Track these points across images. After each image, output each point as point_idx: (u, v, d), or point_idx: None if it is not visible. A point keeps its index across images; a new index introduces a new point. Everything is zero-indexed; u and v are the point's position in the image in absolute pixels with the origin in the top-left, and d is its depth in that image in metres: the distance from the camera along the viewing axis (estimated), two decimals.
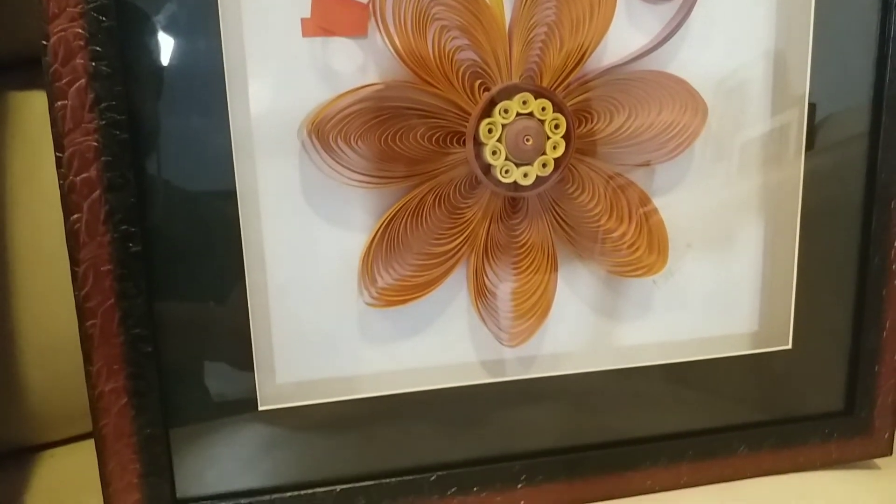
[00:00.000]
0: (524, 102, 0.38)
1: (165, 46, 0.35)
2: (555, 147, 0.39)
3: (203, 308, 0.37)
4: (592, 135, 0.40)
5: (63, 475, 0.49)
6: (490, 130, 0.38)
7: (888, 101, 0.42)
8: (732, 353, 0.44)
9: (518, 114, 0.38)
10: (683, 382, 0.44)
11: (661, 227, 0.42)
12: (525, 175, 0.39)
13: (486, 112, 0.38)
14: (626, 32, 0.39)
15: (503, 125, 0.38)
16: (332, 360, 0.40)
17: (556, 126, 0.39)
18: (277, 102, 0.37)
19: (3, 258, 0.47)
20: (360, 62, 0.37)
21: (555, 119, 0.39)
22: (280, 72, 0.36)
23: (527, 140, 0.38)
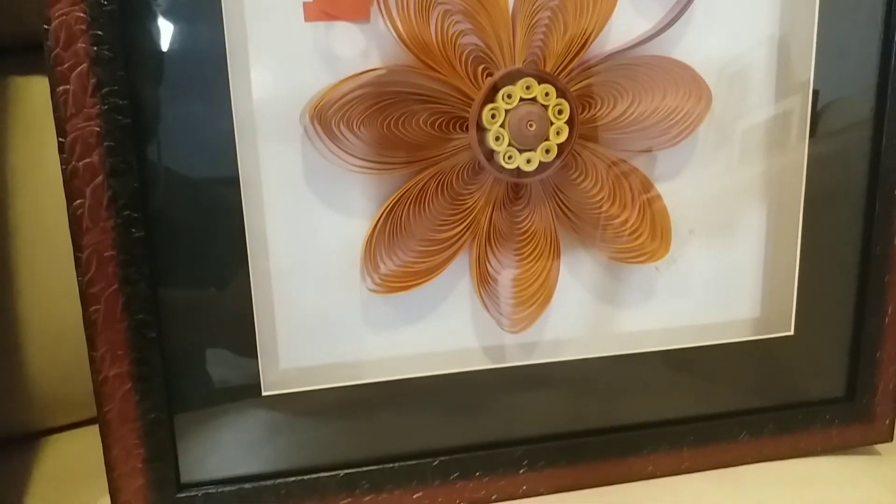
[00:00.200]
0: (527, 87, 0.38)
1: (167, 31, 0.34)
2: (558, 133, 0.39)
3: (206, 293, 0.37)
4: (596, 120, 0.40)
5: (67, 460, 0.49)
6: (493, 116, 0.38)
7: (893, 87, 0.42)
8: (734, 340, 0.44)
9: (521, 99, 0.38)
10: (685, 368, 0.44)
11: (664, 214, 0.42)
12: (528, 161, 0.39)
13: (490, 97, 0.38)
14: (630, 17, 0.39)
15: (506, 110, 0.38)
16: (336, 346, 0.40)
17: (560, 111, 0.39)
18: (279, 87, 0.36)
19: (6, 244, 0.47)
20: (363, 47, 0.37)
21: (558, 104, 0.38)
22: (282, 57, 0.36)
23: (530, 126, 0.38)
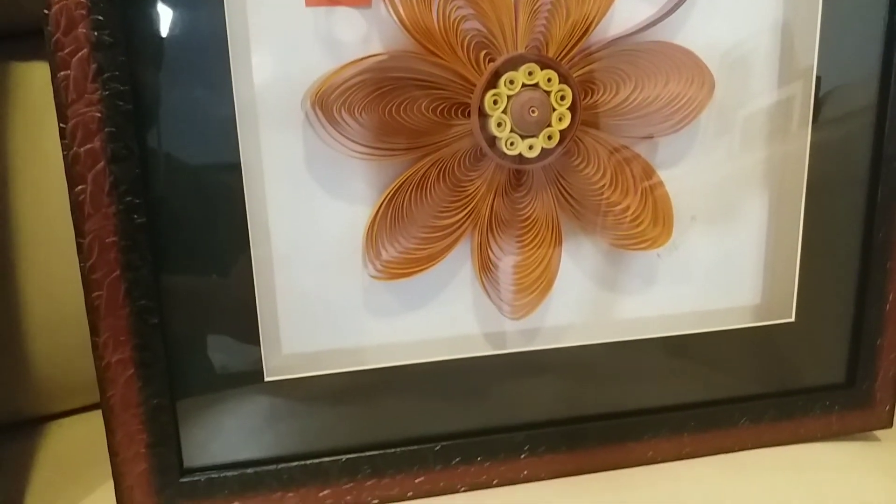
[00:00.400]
0: (530, 73, 0.38)
1: (168, 16, 0.34)
2: (560, 119, 0.39)
3: (208, 279, 0.37)
4: (598, 106, 0.40)
5: (71, 445, 0.49)
6: (495, 102, 0.38)
7: None
8: (735, 326, 0.44)
9: (523, 85, 0.38)
10: (686, 355, 0.44)
11: (666, 200, 0.42)
12: (530, 147, 0.39)
13: (492, 83, 0.38)
14: (633, 2, 0.39)
15: (508, 96, 0.38)
16: (338, 332, 0.40)
17: (562, 97, 0.38)
18: (281, 73, 0.36)
19: (9, 230, 0.47)
20: (364, 32, 0.37)
21: (560, 90, 0.38)
22: (283, 42, 0.36)
23: (532, 111, 0.38)
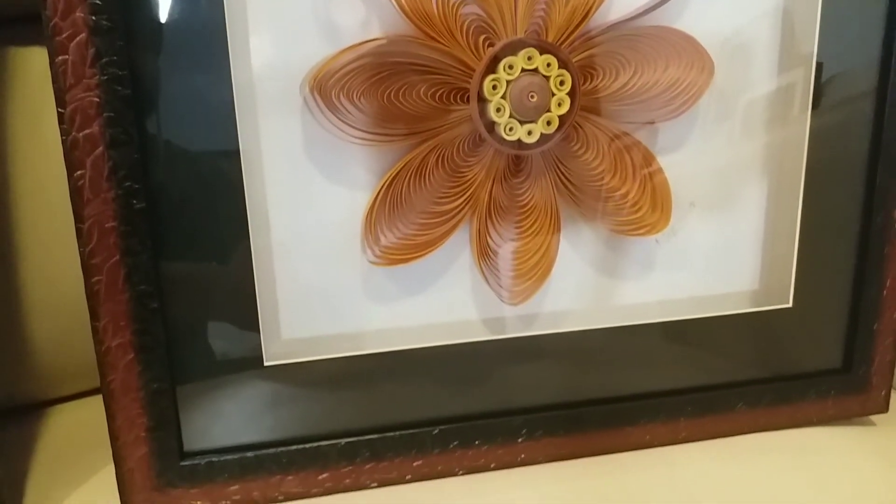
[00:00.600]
0: (529, 58, 0.38)
1: (166, 0, 0.34)
2: (559, 104, 0.39)
3: (208, 264, 0.37)
4: (598, 92, 0.40)
5: (72, 430, 0.49)
6: (494, 87, 0.38)
7: None
8: (733, 312, 0.44)
9: (523, 70, 0.38)
10: (684, 340, 0.44)
11: (665, 186, 0.42)
12: (529, 133, 0.39)
13: (491, 68, 0.37)
14: None
15: (507, 81, 0.38)
16: (337, 317, 0.40)
17: (561, 83, 0.38)
18: (279, 58, 0.36)
19: (7, 216, 0.47)
20: (363, 17, 0.37)
21: (560, 75, 0.38)
22: (282, 26, 0.36)
23: (531, 97, 0.38)
